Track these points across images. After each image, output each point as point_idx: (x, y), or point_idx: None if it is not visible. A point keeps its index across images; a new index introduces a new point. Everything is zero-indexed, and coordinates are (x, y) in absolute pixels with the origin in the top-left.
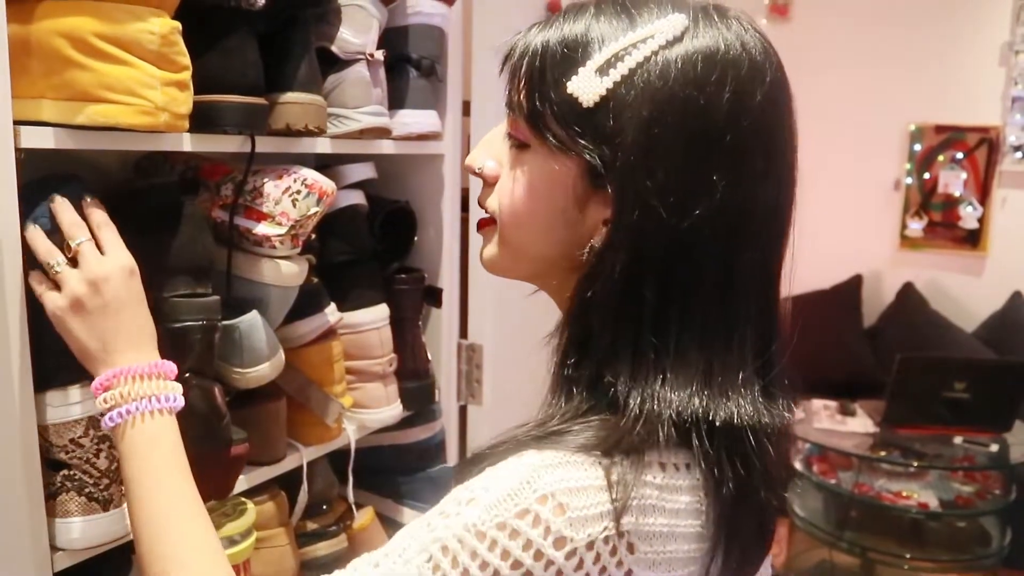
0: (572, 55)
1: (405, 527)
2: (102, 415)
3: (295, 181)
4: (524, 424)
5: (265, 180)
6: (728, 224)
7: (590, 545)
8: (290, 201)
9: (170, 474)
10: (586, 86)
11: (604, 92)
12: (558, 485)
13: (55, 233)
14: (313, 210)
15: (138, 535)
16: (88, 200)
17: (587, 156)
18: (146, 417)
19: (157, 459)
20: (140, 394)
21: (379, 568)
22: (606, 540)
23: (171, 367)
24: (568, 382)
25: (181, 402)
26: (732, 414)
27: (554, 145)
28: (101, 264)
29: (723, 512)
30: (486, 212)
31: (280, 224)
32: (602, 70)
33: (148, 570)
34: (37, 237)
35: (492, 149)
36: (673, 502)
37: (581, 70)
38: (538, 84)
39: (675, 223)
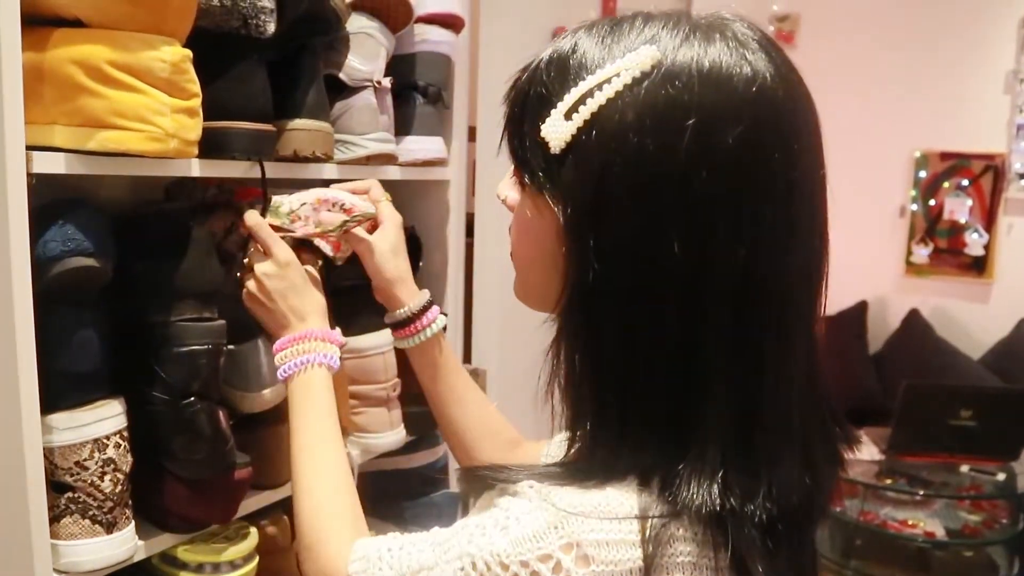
0: (548, 95)
1: (461, 520)
2: (279, 366)
3: (334, 206)
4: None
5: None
6: (687, 287)
7: None
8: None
9: (314, 414)
10: (555, 131)
11: (569, 138)
12: (586, 535)
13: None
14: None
15: (291, 457)
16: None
17: (555, 208)
18: (308, 369)
19: (308, 401)
20: (308, 351)
21: (429, 554)
22: None
23: (338, 336)
24: (574, 419)
25: (338, 363)
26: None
27: (533, 190)
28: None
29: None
30: None
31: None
32: (568, 114)
33: (293, 484)
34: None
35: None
36: (713, 560)
37: (553, 112)
38: (518, 125)
39: (628, 288)
